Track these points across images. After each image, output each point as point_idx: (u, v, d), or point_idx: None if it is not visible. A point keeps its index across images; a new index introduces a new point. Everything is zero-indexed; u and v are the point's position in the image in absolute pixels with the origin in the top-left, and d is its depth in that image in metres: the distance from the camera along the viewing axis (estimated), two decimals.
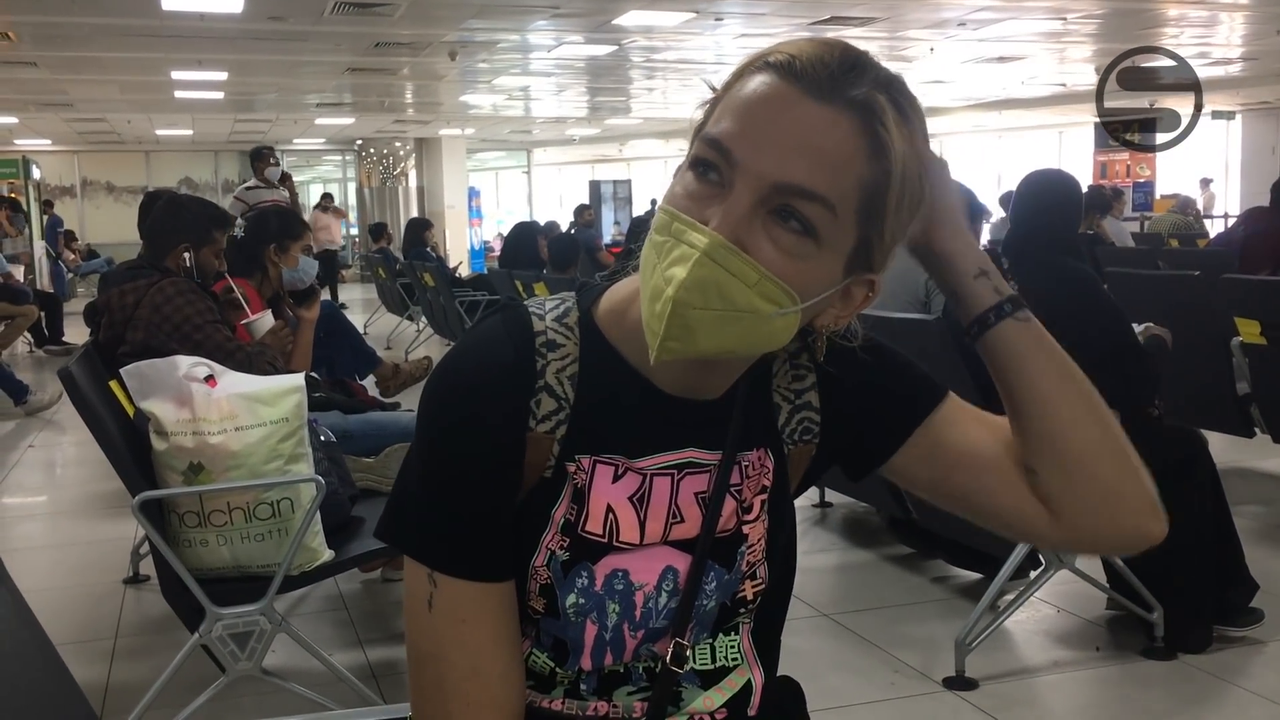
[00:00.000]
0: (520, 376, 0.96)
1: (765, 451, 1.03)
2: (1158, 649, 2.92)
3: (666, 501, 0.99)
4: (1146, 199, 17.72)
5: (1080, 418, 1.01)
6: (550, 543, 0.97)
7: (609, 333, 0.99)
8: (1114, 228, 8.13)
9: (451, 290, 8.30)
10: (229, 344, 2.96)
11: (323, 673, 2.65)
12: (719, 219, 0.84)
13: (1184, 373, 3.99)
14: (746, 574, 1.03)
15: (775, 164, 0.84)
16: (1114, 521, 1.01)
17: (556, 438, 0.96)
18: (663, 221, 0.87)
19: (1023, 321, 1.01)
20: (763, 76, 0.86)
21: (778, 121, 0.84)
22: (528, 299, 1.02)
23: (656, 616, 1.00)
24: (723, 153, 0.85)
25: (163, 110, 16.03)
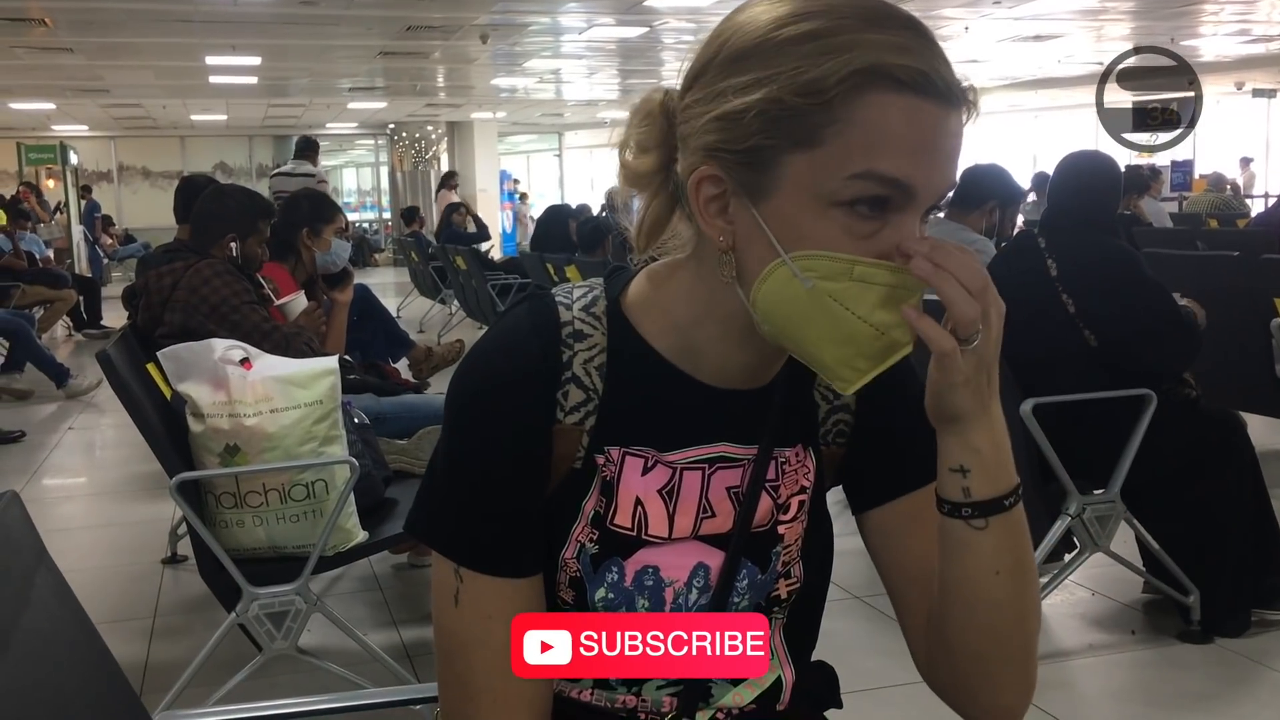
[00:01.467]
0: (546, 368, 0.94)
1: (805, 450, 1.02)
2: (1194, 632, 2.89)
3: (697, 496, 0.98)
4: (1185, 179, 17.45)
5: (993, 630, 0.93)
6: (580, 535, 0.96)
7: (639, 322, 0.97)
8: (1151, 208, 8.02)
9: (484, 273, 8.32)
10: (265, 324, 2.98)
11: (357, 652, 2.67)
12: (911, 246, 0.84)
13: (1223, 354, 3.94)
14: (781, 573, 1.01)
15: (943, 181, 0.86)
16: (963, 706, 0.99)
17: (585, 429, 0.95)
18: (836, 269, 0.83)
19: (978, 530, 0.90)
20: (903, 99, 0.82)
21: (940, 145, 0.84)
22: (555, 287, 1.01)
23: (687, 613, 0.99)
24: (902, 189, 0.83)
25: (197, 95, 16.15)
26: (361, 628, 2.84)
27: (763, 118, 0.83)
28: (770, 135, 0.84)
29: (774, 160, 0.84)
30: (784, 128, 0.83)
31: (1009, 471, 0.90)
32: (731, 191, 0.87)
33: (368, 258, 19.83)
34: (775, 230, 0.85)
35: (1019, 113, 21.31)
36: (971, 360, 0.84)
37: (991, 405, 0.88)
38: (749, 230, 0.87)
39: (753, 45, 0.85)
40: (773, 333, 0.88)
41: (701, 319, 0.94)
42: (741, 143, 0.85)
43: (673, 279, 0.96)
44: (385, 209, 22.85)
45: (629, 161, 0.95)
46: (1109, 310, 2.88)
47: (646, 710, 1.00)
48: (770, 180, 0.85)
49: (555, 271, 6.72)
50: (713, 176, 0.88)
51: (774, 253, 0.85)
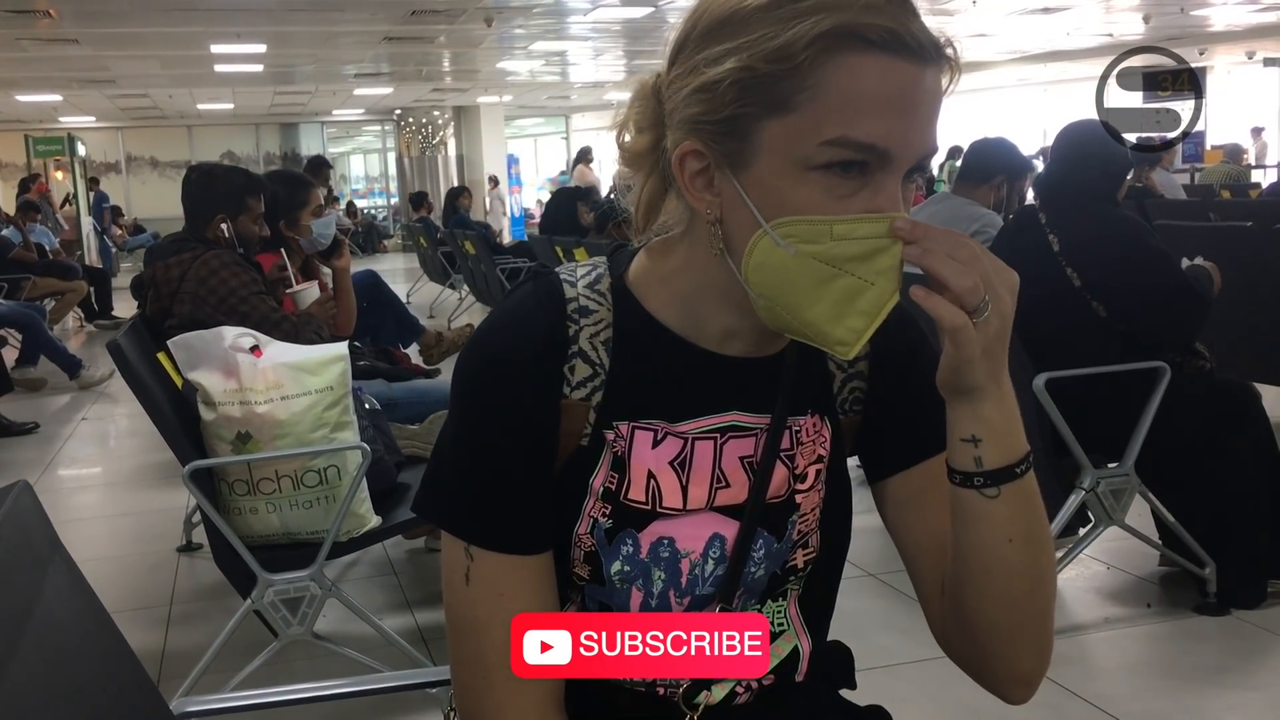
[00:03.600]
0: (552, 344, 0.95)
1: (821, 419, 1.02)
2: (1211, 605, 2.88)
3: (710, 466, 0.97)
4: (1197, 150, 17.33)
5: (1008, 597, 0.94)
6: (592, 510, 0.96)
7: (643, 297, 0.98)
8: (1164, 179, 7.96)
9: (492, 258, 8.31)
10: (274, 314, 2.98)
11: (373, 637, 2.68)
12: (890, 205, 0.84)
13: (1237, 325, 3.92)
14: (798, 543, 1.01)
15: (921, 141, 0.85)
16: (979, 673, 0.99)
17: (592, 404, 0.95)
18: (816, 231, 0.84)
19: (990, 499, 0.91)
20: (873, 59, 0.82)
21: (916, 103, 0.84)
22: (560, 266, 1.01)
23: (703, 584, 0.98)
24: (877, 154, 0.83)
25: (203, 84, 16.15)
26: (377, 612, 2.85)
27: (736, 87, 0.84)
28: (745, 104, 0.84)
29: (751, 129, 0.85)
30: (758, 95, 0.84)
31: (1020, 439, 0.90)
32: (714, 164, 0.88)
33: (377, 244, 19.83)
34: (756, 199, 0.86)
35: (1028, 86, 21.17)
36: (985, 332, 0.84)
37: (1002, 376, 0.88)
38: (733, 201, 0.88)
39: (726, 15, 0.86)
40: (767, 307, 0.88)
41: (702, 291, 0.94)
42: (719, 113, 0.86)
43: (671, 254, 0.97)
44: (394, 194, 22.83)
45: (625, 143, 0.97)
46: (1115, 281, 2.86)
47: (664, 682, 1.00)
48: (749, 149, 0.86)
49: (564, 254, 6.71)
50: (695, 151, 0.89)
51: (756, 224, 0.86)
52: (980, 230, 3.61)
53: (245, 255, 3.16)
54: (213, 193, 3.21)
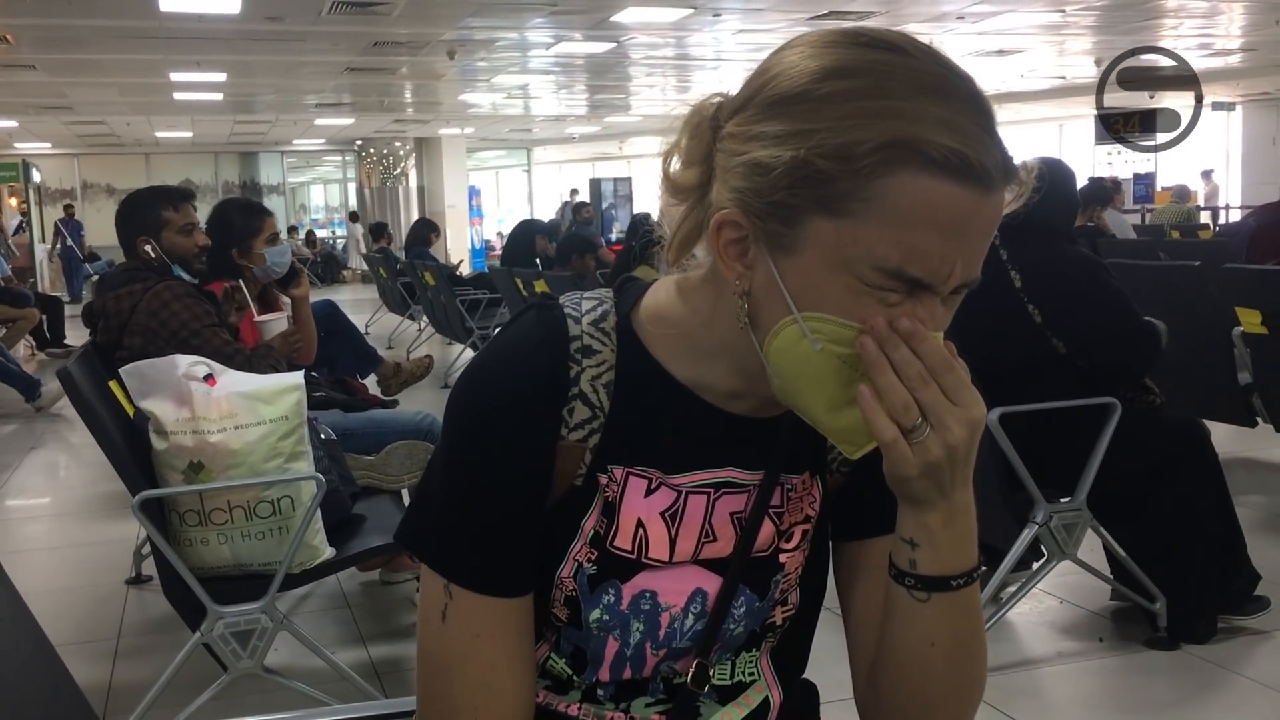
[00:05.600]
0: (553, 384, 0.92)
1: (813, 478, 1.00)
2: (1161, 639, 2.91)
3: (700, 521, 0.95)
4: (1147, 191, 17.70)
5: (922, 695, 0.94)
6: (578, 554, 0.94)
7: (650, 340, 0.94)
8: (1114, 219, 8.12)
9: (452, 289, 8.30)
10: (227, 348, 2.95)
11: (325, 670, 2.64)
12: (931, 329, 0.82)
13: (1186, 363, 3.98)
14: (778, 600, 1.00)
15: (971, 270, 0.82)
16: None
17: (589, 446, 0.93)
18: (845, 335, 0.82)
19: (919, 601, 0.90)
20: (937, 184, 0.77)
21: (973, 233, 0.80)
22: (564, 296, 0.98)
23: (681, 637, 0.97)
24: (922, 286, 0.81)
25: (162, 112, 16.05)
26: (329, 646, 2.82)
27: (790, 175, 0.80)
28: (797, 194, 0.80)
29: (799, 219, 0.81)
30: (812, 190, 0.80)
31: (967, 554, 0.89)
32: (753, 238, 0.84)
33: (336, 274, 19.73)
34: (792, 287, 0.83)
35: None
36: (924, 455, 0.82)
37: (955, 494, 0.86)
38: (766, 280, 0.84)
39: (795, 93, 0.81)
40: (782, 388, 0.86)
41: (718, 349, 0.92)
42: (768, 195, 0.81)
43: (690, 301, 0.93)
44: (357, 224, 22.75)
45: (673, 172, 0.91)
46: (1075, 318, 2.91)
47: None
48: (794, 238, 0.82)
49: (524, 286, 6.72)
50: (735, 221, 0.85)
51: (787, 308, 0.83)
52: None
53: (198, 286, 3.13)
54: (128, 218, 3.18)
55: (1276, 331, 3.78)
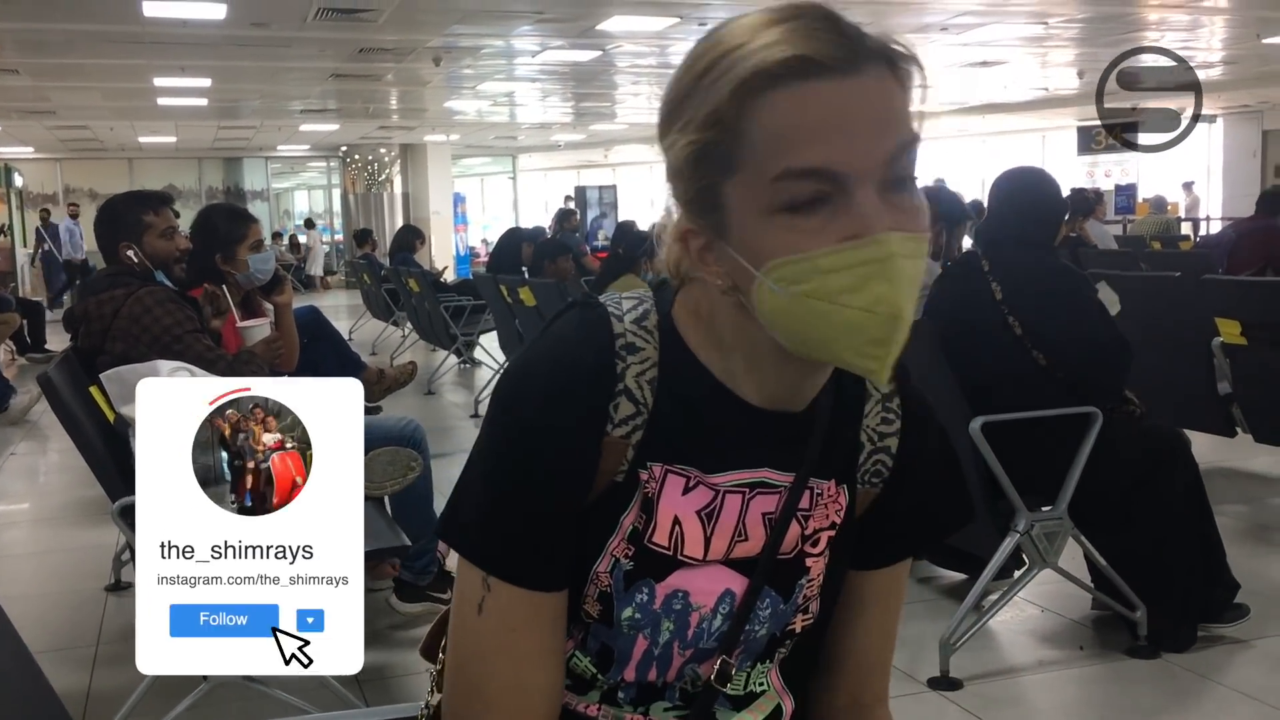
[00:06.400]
0: (600, 380, 0.93)
1: (841, 487, 1.01)
2: (1142, 648, 2.92)
3: (735, 520, 0.97)
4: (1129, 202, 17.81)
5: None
6: (616, 549, 0.95)
7: (688, 338, 0.96)
8: (1096, 230, 8.17)
9: (437, 295, 8.28)
10: (210, 354, 2.93)
11: (306, 678, 2.62)
12: (870, 224, 0.82)
13: (1166, 373, 4.01)
14: (801, 607, 1.01)
15: (875, 147, 0.83)
16: None
17: (631, 443, 0.94)
18: (801, 270, 0.83)
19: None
20: (787, 92, 0.82)
21: (851, 115, 0.82)
22: (604, 296, 0.99)
23: (707, 638, 0.98)
24: (824, 176, 0.82)
25: (146, 117, 15.97)
26: None
27: (691, 162, 0.87)
28: (705, 175, 0.86)
29: (718, 195, 0.86)
30: (710, 165, 0.86)
31: None
32: (709, 236, 0.89)
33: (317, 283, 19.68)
34: (745, 257, 0.86)
35: (967, 137, 21.63)
36: None
37: None
38: (734, 265, 0.88)
39: (675, 98, 0.89)
40: (795, 346, 0.89)
41: (741, 348, 0.94)
42: (693, 191, 0.88)
43: (717, 300, 0.95)
44: (338, 231, 22.68)
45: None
46: (1055, 332, 2.92)
47: None
48: (724, 214, 0.87)
49: (508, 293, 6.71)
50: (691, 230, 0.90)
51: (752, 277, 0.86)
52: None
53: (180, 291, 3.12)
54: (109, 223, 3.17)
55: (1255, 342, 3.81)
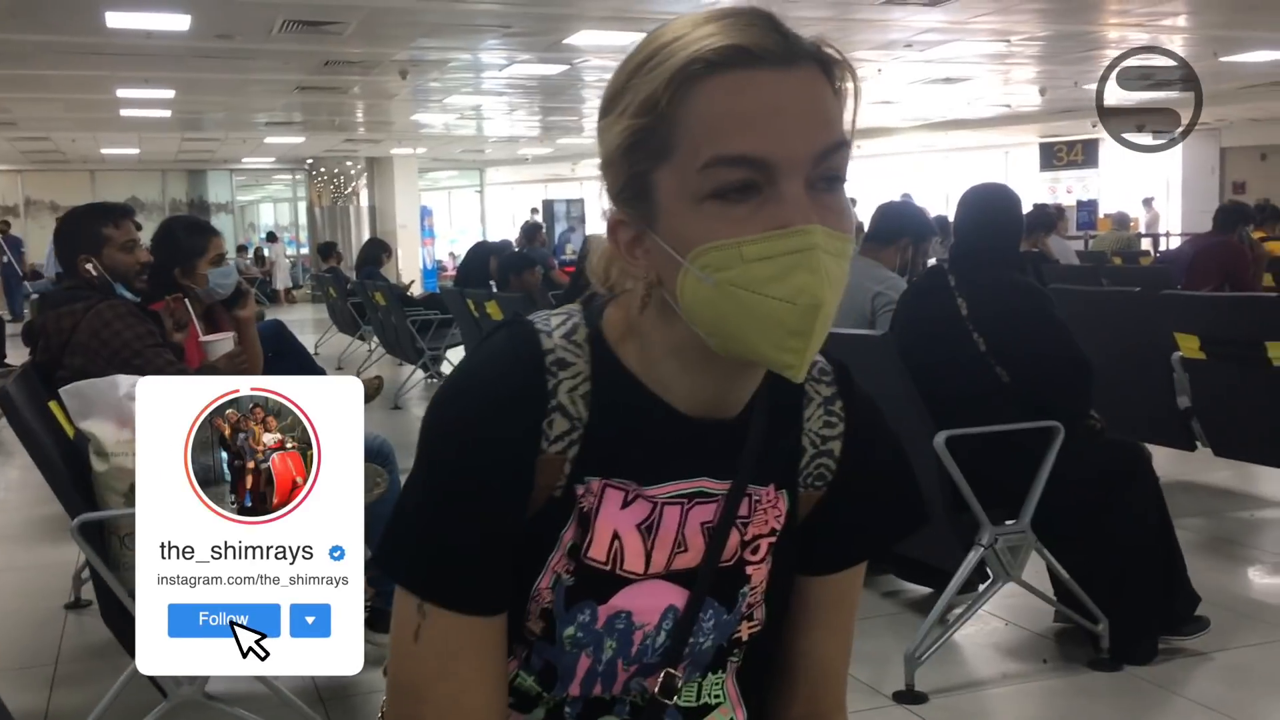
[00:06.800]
0: (532, 397, 0.93)
1: (780, 492, 1.01)
2: (1104, 660, 2.95)
3: (674, 532, 0.96)
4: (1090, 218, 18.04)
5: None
6: (557, 565, 0.95)
7: (619, 350, 0.96)
8: (1058, 245, 8.25)
9: (403, 309, 8.24)
10: (170, 368, 2.90)
11: (268, 696, 2.60)
12: (796, 215, 0.83)
13: (1127, 387, 4.05)
14: (745, 615, 1.01)
15: (805, 141, 0.84)
16: None
17: (568, 458, 0.93)
18: (726, 257, 0.84)
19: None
20: (723, 79, 0.84)
21: (782, 107, 0.84)
22: (534, 314, 0.99)
23: (652, 653, 0.98)
24: (753, 164, 0.83)
25: (108, 129, 15.82)
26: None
27: (624, 149, 0.88)
28: (637, 161, 0.88)
29: (649, 183, 0.88)
30: (642, 151, 0.87)
31: None
32: (638, 227, 0.90)
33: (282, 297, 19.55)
34: (672, 245, 0.87)
35: (931, 153, 21.82)
36: None
37: None
38: (661, 256, 0.88)
39: (613, 89, 0.90)
40: (718, 343, 0.88)
41: (668, 352, 0.94)
42: (623, 179, 0.89)
43: (644, 308, 0.95)
44: (303, 244, 22.54)
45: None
46: (1018, 349, 2.94)
47: None
48: (654, 203, 0.88)
49: (476, 307, 6.69)
50: (621, 221, 0.91)
51: (679, 266, 0.86)
52: (883, 292, 3.70)
53: (141, 305, 3.08)
54: (68, 237, 3.14)
55: (1214, 357, 3.86)
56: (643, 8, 8.23)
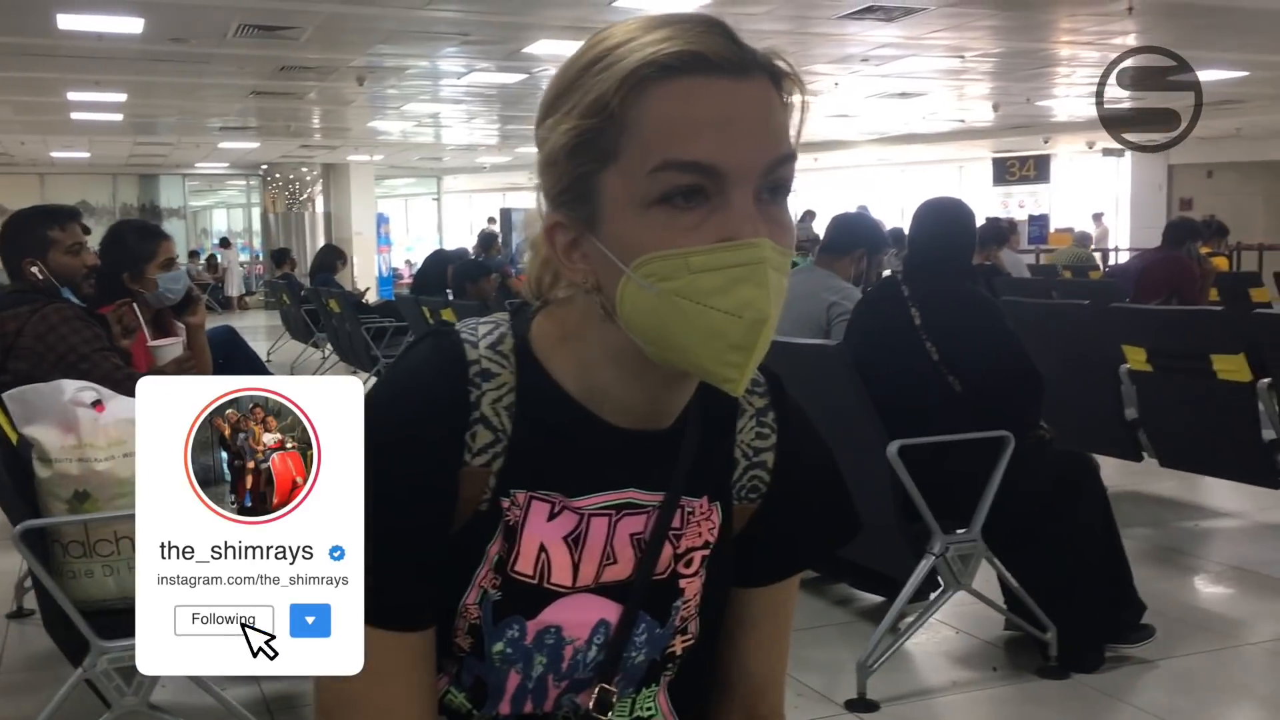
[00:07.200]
0: (454, 410, 0.91)
1: (713, 504, 1.00)
2: (1052, 668, 2.98)
3: (602, 544, 0.95)
4: (1041, 232, 18.29)
5: None
6: (484, 580, 0.93)
7: (547, 360, 0.94)
8: (1010, 259, 8.36)
9: (358, 316, 8.19)
10: (118, 373, 2.85)
11: (215, 708, 2.57)
12: (745, 227, 0.82)
13: (1075, 399, 4.11)
14: (679, 629, 1.00)
15: (756, 151, 0.84)
16: None
17: (493, 471, 0.92)
18: (671, 266, 0.82)
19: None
20: (679, 83, 0.83)
21: (735, 116, 0.83)
22: (460, 323, 0.98)
23: (583, 668, 0.96)
24: (704, 171, 0.82)
25: (58, 132, 15.61)
26: (220, 681, 2.73)
27: (569, 149, 0.86)
28: (582, 163, 0.86)
29: (593, 185, 0.86)
30: (588, 152, 0.85)
31: None
32: (577, 230, 0.88)
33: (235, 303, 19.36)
34: (616, 249, 0.85)
35: (887, 166, 22.04)
36: None
37: None
38: (601, 261, 0.87)
39: (558, 86, 0.88)
40: (655, 352, 0.87)
41: (597, 357, 0.92)
42: (565, 180, 0.87)
43: (568, 317, 0.94)
44: (258, 251, 22.32)
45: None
46: (970, 360, 2.98)
47: None
48: (597, 206, 0.86)
49: (431, 314, 6.66)
50: (560, 224, 0.89)
51: (620, 272, 0.85)
52: (838, 302, 3.72)
53: (88, 309, 3.04)
54: (12, 239, 3.08)
55: (1161, 369, 3.92)
56: (602, 18, 8.24)
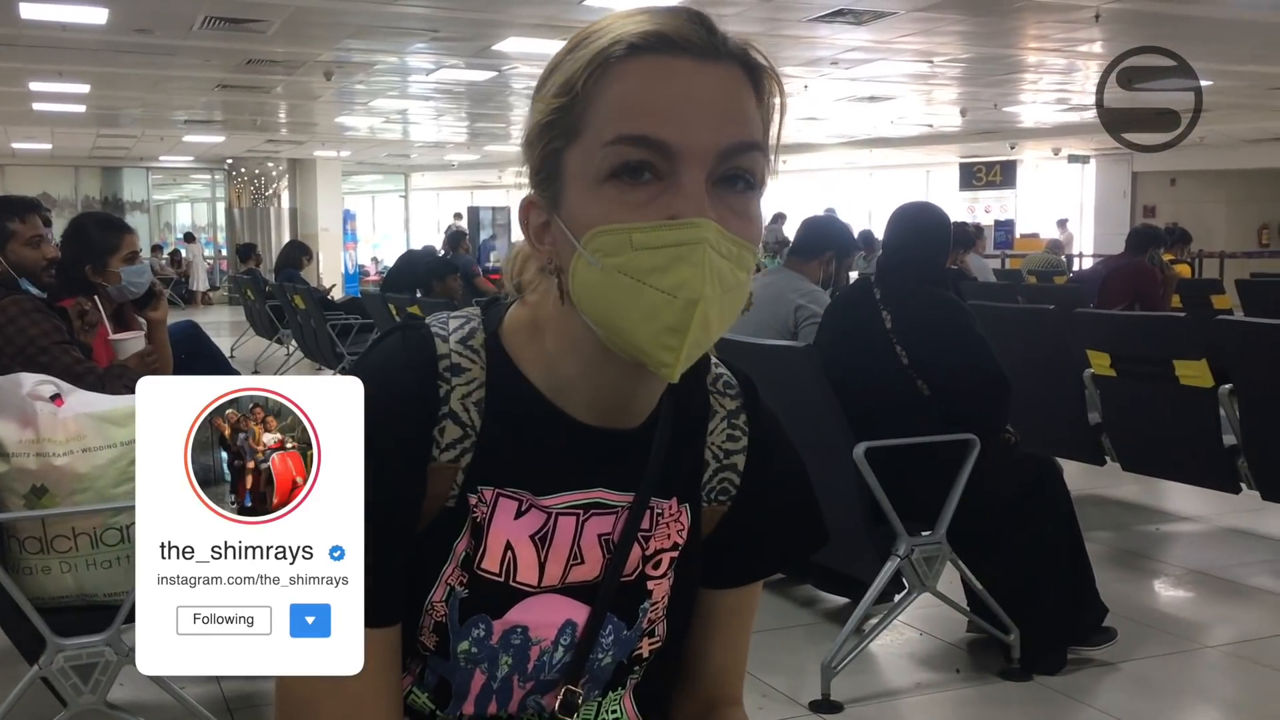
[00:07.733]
0: (422, 405, 0.90)
1: (682, 506, 0.99)
2: (1015, 670, 3.00)
3: (569, 543, 0.94)
4: (1008, 237, 18.46)
5: None
6: (450, 577, 0.92)
7: (517, 356, 0.94)
8: (976, 263, 8.42)
9: (323, 313, 8.13)
10: (78, 366, 2.81)
11: (174, 707, 2.54)
12: (689, 207, 0.81)
13: (1039, 403, 4.14)
14: (646, 631, 0.99)
15: (712, 133, 0.83)
16: None
17: (460, 467, 0.91)
18: (616, 241, 0.82)
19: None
20: (642, 61, 0.83)
21: (695, 96, 0.83)
22: (431, 316, 0.97)
23: (549, 669, 0.96)
24: (655, 147, 0.82)
25: (19, 123, 15.38)
26: (178, 681, 2.70)
27: (541, 127, 0.87)
28: (552, 140, 0.87)
29: (559, 163, 0.87)
30: (557, 130, 0.86)
31: None
32: (548, 211, 0.88)
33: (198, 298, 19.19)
34: (571, 228, 0.85)
35: (855, 170, 22.16)
36: None
37: None
38: (562, 240, 0.87)
39: (544, 73, 0.89)
40: (605, 335, 0.86)
41: (563, 349, 0.92)
42: (539, 159, 0.88)
43: (537, 310, 0.94)
44: (222, 246, 22.13)
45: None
46: (939, 364, 2.99)
47: None
48: (560, 184, 0.87)
49: (398, 312, 6.62)
50: (533, 203, 0.90)
51: (573, 250, 0.85)
52: (806, 304, 3.73)
53: (48, 301, 2.99)
54: None
55: (1124, 374, 3.96)
56: (572, 16, 8.23)
